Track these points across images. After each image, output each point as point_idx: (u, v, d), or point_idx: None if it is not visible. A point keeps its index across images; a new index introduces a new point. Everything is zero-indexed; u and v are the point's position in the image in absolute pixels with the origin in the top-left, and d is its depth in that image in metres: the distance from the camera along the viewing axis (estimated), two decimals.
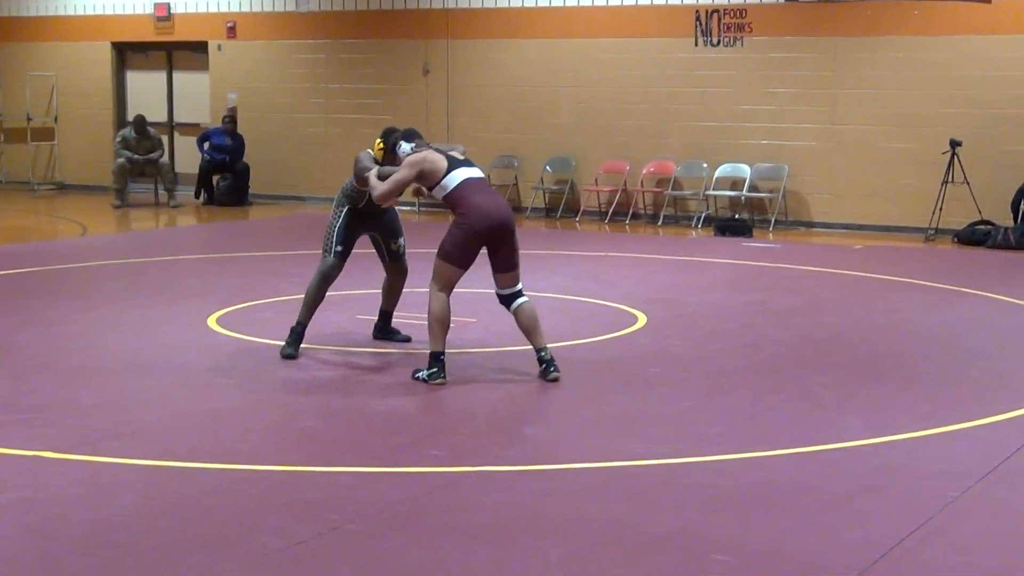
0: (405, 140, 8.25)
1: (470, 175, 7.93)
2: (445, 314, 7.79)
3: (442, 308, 7.78)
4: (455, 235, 7.82)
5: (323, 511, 5.51)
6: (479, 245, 7.85)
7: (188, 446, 6.57)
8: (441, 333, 7.80)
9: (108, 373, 8.16)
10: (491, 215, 7.78)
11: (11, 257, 13.51)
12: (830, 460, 6.37)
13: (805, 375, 8.26)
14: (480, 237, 7.79)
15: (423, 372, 7.84)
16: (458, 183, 7.86)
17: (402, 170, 7.94)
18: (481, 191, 7.89)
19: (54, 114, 21.58)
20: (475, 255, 7.92)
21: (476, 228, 7.75)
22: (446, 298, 7.82)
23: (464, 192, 7.83)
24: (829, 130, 16.25)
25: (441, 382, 7.75)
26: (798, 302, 11.00)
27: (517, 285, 7.94)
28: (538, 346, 7.90)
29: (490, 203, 7.84)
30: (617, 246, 14.78)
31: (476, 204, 7.77)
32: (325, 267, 8.61)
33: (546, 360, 7.86)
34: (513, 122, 18.12)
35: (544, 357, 7.87)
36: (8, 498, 5.65)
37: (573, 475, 6.13)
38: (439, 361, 7.79)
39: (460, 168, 7.94)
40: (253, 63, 19.94)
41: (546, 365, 7.86)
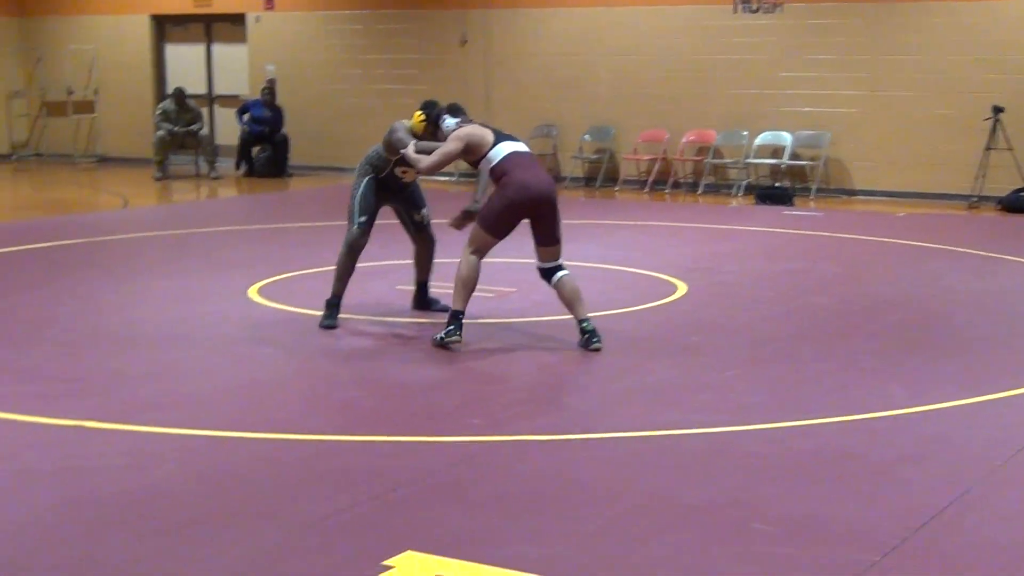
0: (451, 115, 8.26)
1: (515, 148, 8.02)
2: (472, 277, 7.87)
3: (470, 271, 7.86)
4: (494, 204, 7.88)
5: (363, 480, 5.52)
6: (517, 217, 7.90)
7: (229, 416, 6.59)
8: (465, 294, 7.87)
9: (150, 344, 8.20)
10: (531, 188, 7.83)
11: (53, 229, 13.59)
12: (873, 428, 6.33)
13: (848, 343, 8.21)
14: (519, 209, 7.85)
15: (440, 333, 7.88)
16: (503, 156, 7.94)
17: (449, 143, 7.98)
18: (524, 164, 7.95)
19: (94, 87, 21.66)
20: (512, 226, 7.95)
21: (515, 200, 7.81)
22: (477, 262, 7.88)
23: (508, 165, 7.90)
24: (870, 97, 16.11)
25: (456, 340, 7.80)
26: (840, 270, 10.94)
27: (558, 259, 7.99)
28: (580, 317, 7.91)
29: (532, 177, 7.89)
30: (657, 215, 14.73)
31: (518, 177, 7.84)
32: (351, 238, 8.60)
33: (588, 331, 7.86)
34: (552, 91, 18.06)
35: (586, 328, 7.87)
36: (52, 467, 5.70)
37: (613, 444, 6.12)
38: (457, 320, 7.85)
39: (506, 141, 8.03)
40: (291, 34, 19.95)
41: (588, 335, 7.86)
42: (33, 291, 9.86)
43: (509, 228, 7.95)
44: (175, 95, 19.14)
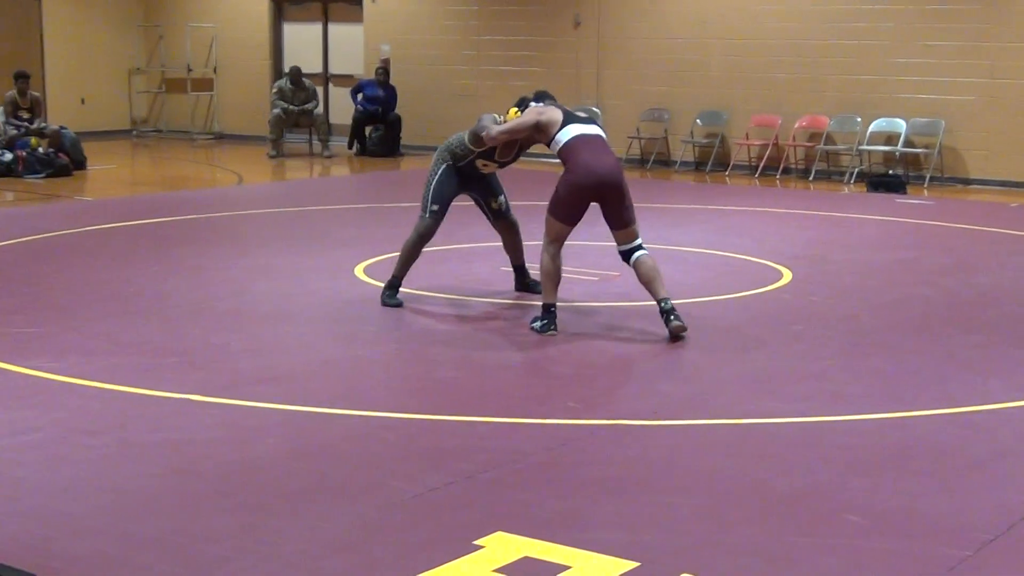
0: (536, 100, 8.31)
1: (583, 131, 7.91)
2: (553, 268, 7.87)
3: (551, 262, 7.86)
4: (559, 190, 7.86)
5: (458, 460, 5.60)
6: (584, 200, 7.85)
7: (330, 392, 6.72)
8: (551, 286, 7.88)
9: (256, 319, 8.37)
10: (594, 171, 7.75)
11: (170, 205, 13.88)
12: (971, 422, 6.27)
13: (950, 335, 8.13)
14: (584, 192, 7.79)
15: (537, 323, 7.92)
16: (570, 138, 7.87)
17: (525, 115, 8.01)
18: (589, 147, 7.84)
19: (213, 65, 22.04)
20: (581, 210, 7.92)
21: (579, 183, 7.77)
22: (557, 252, 7.88)
23: (573, 147, 7.83)
24: (988, 84, 15.85)
25: (552, 333, 7.82)
26: (949, 261, 10.80)
27: (635, 240, 7.93)
28: (658, 296, 7.82)
29: (595, 159, 7.79)
30: (767, 201, 14.64)
31: (582, 160, 7.77)
32: (422, 226, 8.63)
33: (666, 310, 7.76)
34: (663, 75, 18.01)
35: (665, 307, 7.77)
36: (157, 438, 5.86)
37: (707, 431, 6.13)
38: (550, 313, 7.88)
39: (575, 124, 7.94)
40: (406, 15, 20.10)
41: (667, 315, 7.76)
42: (146, 265, 10.09)
43: (579, 212, 7.91)
44: (291, 74, 19.41)
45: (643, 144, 18.15)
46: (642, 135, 18.07)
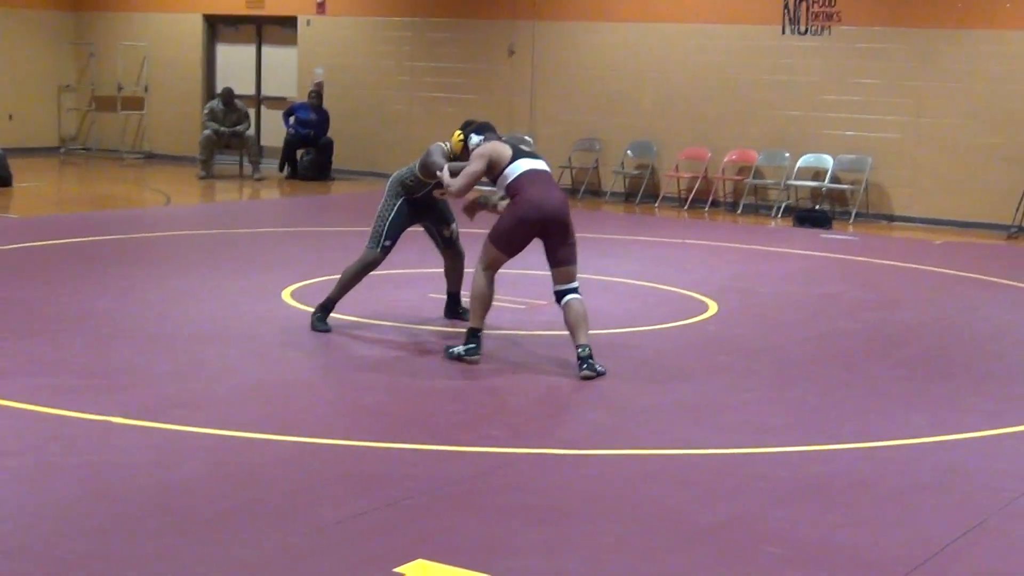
0: (476, 133, 8.32)
1: (532, 166, 7.94)
2: (486, 293, 7.88)
3: (484, 287, 7.86)
4: (505, 220, 7.87)
5: (382, 485, 5.59)
6: (528, 235, 7.87)
7: (255, 416, 6.68)
8: (481, 311, 7.89)
9: (182, 341, 8.31)
10: (542, 206, 7.77)
11: (97, 224, 13.75)
12: (892, 456, 6.35)
13: (874, 370, 8.22)
14: (529, 226, 7.81)
15: (459, 348, 7.89)
16: (519, 173, 7.88)
17: (472, 162, 7.98)
18: (538, 182, 7.87)
19: (144, 84, 21.89)
20: (522, 244, 7.93)
21: (525, 217, 7.78)
22: (490, 278, 7.88)
23: (522, 182, 7.84)
24: (914, 123, 16.09)
25: (476, 359, 7.82)
26: (873, 296, 10.93)
27: (571, 282, 7.89)
28: (578, 342, 7.71)
29: (543, 194, 7.81)
30: (695, 233, 14.75)
31: (530, 194, 7.79)
32: (370, 257, 8.63)
33: (582, 357, 7.64)
34: (596, 105, 18.11)
35: (581, 355, 7.65)
36: (79, 461, 5.79)
37: (632, 460, 6.16)
38: (476, 337, 7.87)
39: (523, 159, 7.97)
40: (341, 39, 20.09)
41: (581, 361, 7.63)
42: (71, 284, 9.99)
43: (520, 245, 7.94)
44: (223, 95, 19.33)
45: (574, 174, 18.23)
46: (573, 165, 18.16)
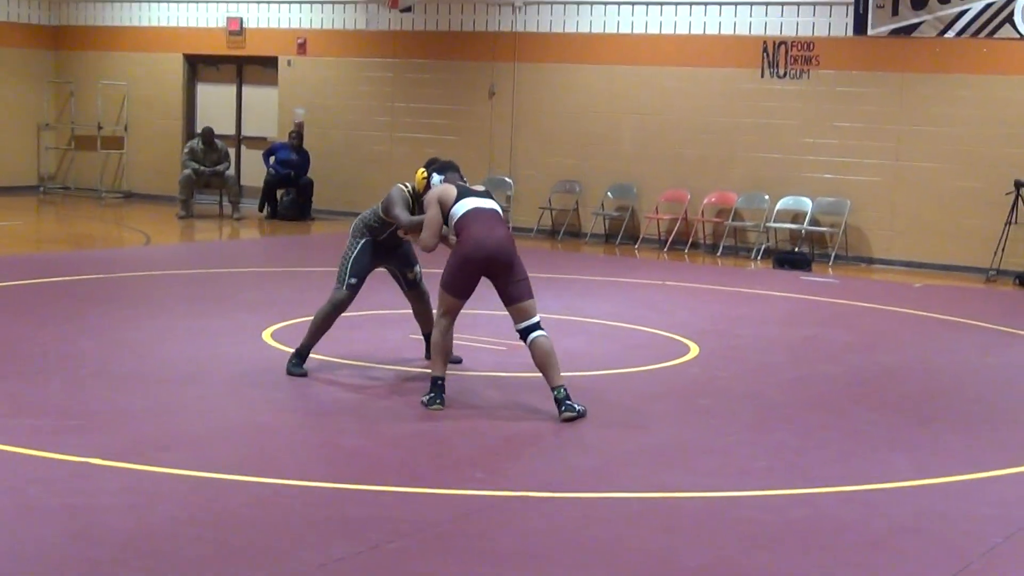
0: (438, 172, 8.32)
1: (477, 205, 7.89)
2: (444, 342, 7.81)
3: (442, 336, 7.80)
4: (450, 263, 7.82)
5: (364, 529, 5.56)
6: (474, 274, 7.80)
7: (235, 458, 6.64)
8: (441, 360, 7.81)
9: (161, 382, 8.26)
10: (484, 245, 7.71)
11: (76, 263, 13.71)
12: (873, 500, 6.34)
13: (854, 412, 8.22)
14: (473, 266, 7.74)
15: (424, 397, 7.83)
16: (463, 212, 7.85)
17: (429, 210, 7.96)
18: (480, 220, 7.81)
19: (124, 123, 21.87)
20: (471, 284, 7.86)
21: (468, 257, 7.73)
22: (448, 326, 7.81)
23: (466, 221, 7.81)
24: (893, 166, 16.17)
25: (438, 407, 7.71)
26: (853, 338, 10.95)
27: (532, 318, 7.75)
28: (552, 384, 7.64)
29: (486, 233, 7.75)
30: (675, 275, 14.77)
31: (472, 234, 7.74)
32: (338, 298, 8.62)
33: (559, 399, 7.58)
34: (576, 147, 18.16)
35: (558, 396, 7.59)
36: (56, 503, 5.75)
37: (613, 504, 6.14)
38: (438, 386, 7.78)
39: (469, 198, 7.94)
40: (321, 79, 20.12)
41: (559, 403, 7.58)
42: (50, 325, 9.94)
43: (469, 286, 7.84)
44: (204, 135, 19.33)
45: (554, 215, 18.26)
46: (553, 206, 18.19)
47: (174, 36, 21.41)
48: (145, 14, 21.67)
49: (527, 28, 18.43)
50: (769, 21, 16.81)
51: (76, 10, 22.35)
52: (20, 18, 21.98)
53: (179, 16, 21.34)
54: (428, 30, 19.21)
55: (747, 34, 16.92)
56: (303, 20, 20.23)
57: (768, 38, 16.78)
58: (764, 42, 16.80)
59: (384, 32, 19.40)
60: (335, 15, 19.95)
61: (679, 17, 17.37)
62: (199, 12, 21.13)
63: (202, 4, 21.07)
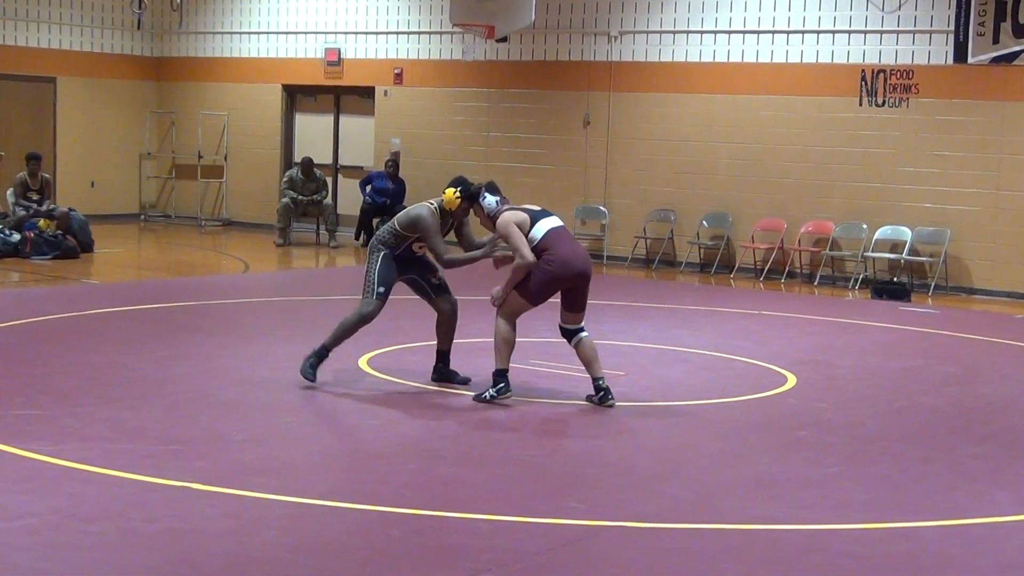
0: (490, 193, 8.75)
1: (553, 225, 8.58)
2: (512, 337, 8.51)
3: (509, 332, 8.49)
4: (539, 277, 8.42)
5: (460, 557, 5.56)
6: (558, 288, 8.53)
7: (331, 485, 6.68)
8: (507, 352, 8.50)
9: (259, 408, 8.34)
10: (574, 265, 8.46)
11: (176, 291, 13.90)
12: (977, 535, 6.22)
13: (956, 445, 8.08)
14: (561, 282, 8.48)
15: (490, 391, 8.45)
16: (544, 233, 8.49)
17: (513, 235, 8.45)
18: (564, 240, 8.55)
19: (224, 152, 22.18)
20: (550, 296, 8.59)
21: (559, 274, 8.43)
22: (514, 324, 8.51)
23: (550, 241, 8.47)
24: (994, 195, 15.93)
25: (508, 394, 8.46)
26: (954, 370, 10.78)
27: (581, 323, 8.61)
28: (595, 375, 8.55)
29: (573, 252, 8.51)
30: (771, 305, 14.64)
31: (561, 253, 8.43)
32: (367, 308, 8.93)
33: (603, 388, 8.51)
34: (671, 176, 18.11)
35: (601, 385, 8.51)
36: (156, 528, 5.81)
37: (711, 535, 6.09)
38: (504, 377, 8.48)
39: (543, 219, 8.57)
40: (418, 109, 20.27)
41: (603, 393, 8.50)
42: (149, 351, 10.07)
43: (547, 298, 8.59)
44: (303, 164, 19.56)
45: (649, 244, 18.21)
46: (648, 235, 18.15)
47: (273, 67, 21.70)
48: (245, 46, 22.00)
49: (623, 57, 18.43)
50: (868, 49, 16.66)
51: (178, 42, 22.74)
52: (124, 50, 22.41)
53: (278, 47, 21.62)
54: (524, 60, 19.28)
55: (845, 62, 16.79)
56: (399, 51, 20.41)
57: (867, 66, 16.63)
58: (862, 70, 16.65)
59: (480, 62, 19.50)
60: (431, 45, 20.09)
61: (776, 46, 17.29)
62: (298, 43, 21.40)
63: (301, 35, 21.34)
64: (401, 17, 20.41)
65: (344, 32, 20.94)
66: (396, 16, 20.45)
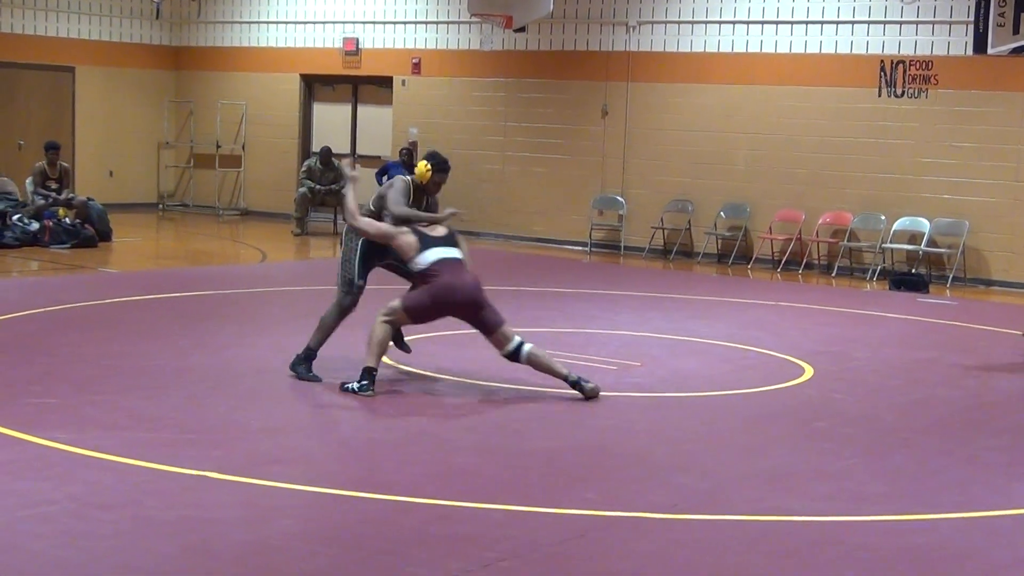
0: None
1: (443, 255, 8.49)
2: (387, 340, 8.52)
3: (385, 335, 8.46)
4: (421, 298, 8.48)
5: (476, 547, 5.56)
6: (441, 315, 8.56)
7: (347, 474, 6.69)
8: (379, 352, 8.44)
9: (276, 397, 8.36)
10: (454, 295, 8.39)
11: (193, 280, 13.93)
12: (995, 527, 6.20)
13: (973, 438, 8.06)
14: (444, 309, 8.50)
15: (354, 384, 8.36)
16: (431, 262, 8.44)
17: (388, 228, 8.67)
18: (448, 270, 8.44)
19: (242, 142, 22.21)
20: (431, 319, 8.62)
21: (439, 301, 8.42)
22: (391, 330, 8.52)
23: (435, 269, 8.42)
24: (1013, 187, 15.86)
25: (371, 393, 8.28)
26: (971, 362, 10.74)
27: (512, 340, 8.45)
28: (562, 374, 8.40)
29: (456, 281, 8.41)
30: (788, 296, 14.61)
31: (444, 282, 8.39)
32: (347, 302, 8.97)
33: (574, 381, 8.36)
34: (689, 166, 18.08)
35: (572, 379, 8.36)
36: (173, 516, 5.82)
37: (727, 527, 6.08)
38: (371, 376, 8.37)
39: (434, 248, 8.50)
40: (435, 99, 20.26)
41: (577, 385, 8.35)
42: (167, 340, 10.10)
43: (430, 321, 8.67)
44: (321, 154, 19.58)
45: (666, 234, 18.19)
46: (665, 225, 18.12)
47: (291, 56, 21.71)
48: (264, 35, 22.01)
49: (640, 48, 18.40)
50: (887, 40, 16.60)
51: (197, 32, 22.77)
52: (143, 39, 22.44)
53: (296, 37, 21.64)
54: (542, 50, 19.26)
55: (864, 53, 16.73)
56: (418, 40, 20.40)
57: (885, 57, 16.58)
58: (881, 61, 16.59)
59: (498, 52, 19.47)
60: (449, 35, 20.08)
61: (794, 36, 17.24)
62: (316, 33, 21.41)
63: (319, 25, 21.35)
64: (419, 7, 20.40)
65: (362, 22, 20.94)
66: (414, 6, 20.44)
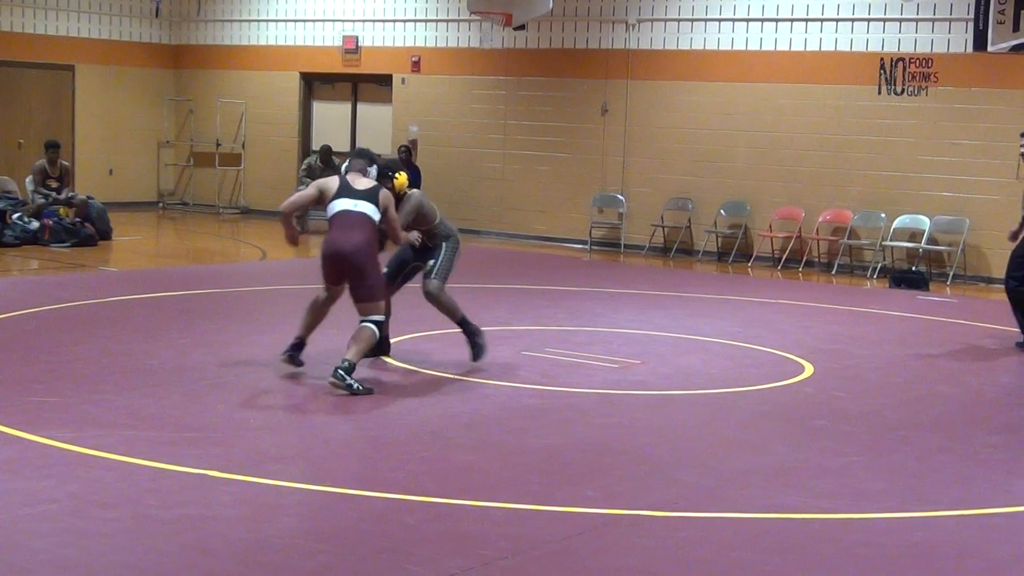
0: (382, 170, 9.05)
1: (343, 207, 8.61)
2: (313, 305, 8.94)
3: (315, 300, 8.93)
4: None
5: (475, 545, 5.56)
6: (328, 269, 8.71)
7: (348, 473, 6.69)
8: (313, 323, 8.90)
9: (276, 396, 8.36)
10: (331, 246, 8.59)
11: (193, 278, 13.92)
12: (994, 524, 6.20)
13: (974, 435, 8.05)
14: (325, 262, 8.69)
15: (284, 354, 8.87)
16: (331, 213, 8.65)
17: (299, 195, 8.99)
18: (337, 224, 8.59)
19: (242, 140, 22.21)
20: (330, 276, 8.74)
21: (323, 255, 8.68)
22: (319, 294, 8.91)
23: (330, 221, 8.64)
24: (1013, 184, 15.82)
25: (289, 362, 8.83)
26: (972, 359, 10.74)
27: (368, 316, 8.65)
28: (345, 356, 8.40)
29: (337, 237, 8.57)
30: (789, 294, 14.61)
31: (328, 235, 8.63)
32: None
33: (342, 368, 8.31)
34: (689, 164, 18.08)
35: (342, 366, 8.32)
36: (173, 514, 5.82)
37: (727, 524, 6.08)
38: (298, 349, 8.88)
39: (341, 199, 8.64)
40: (435, 97, 20.26)
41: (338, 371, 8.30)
42: (167, 338, 10.10)
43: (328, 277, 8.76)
44: (322, 152, 19.57)
45: (666, 232, 18.19)
46: (665, 223, 18.12)
47: (291, 55, 21.72)
48: (263, 33, 22.01)
49: (640, 45, 18.40)
50: (886, 38, 16.60)
51: (196, 30, 22.77)
52: (142, 38, 22.45)
53: (296, 35, 21.64)
54: (541, 48, 19.26)
55: (863, 51, 16.73)
56: (417, 39, 20.40)
57: (885, 55, 16.57)
58: (881, 58, 16.59)
59: (498, 50, 19.47)
60: (449, 33, 20.09)
61: (794, 34, 17.24)
62: (315, 31, 21.41)
63: (318, 23, 21.35)
64: (419, 5, 20.40)
65: (362, 20, 20.94)
66: (414, 4, 20.44)
